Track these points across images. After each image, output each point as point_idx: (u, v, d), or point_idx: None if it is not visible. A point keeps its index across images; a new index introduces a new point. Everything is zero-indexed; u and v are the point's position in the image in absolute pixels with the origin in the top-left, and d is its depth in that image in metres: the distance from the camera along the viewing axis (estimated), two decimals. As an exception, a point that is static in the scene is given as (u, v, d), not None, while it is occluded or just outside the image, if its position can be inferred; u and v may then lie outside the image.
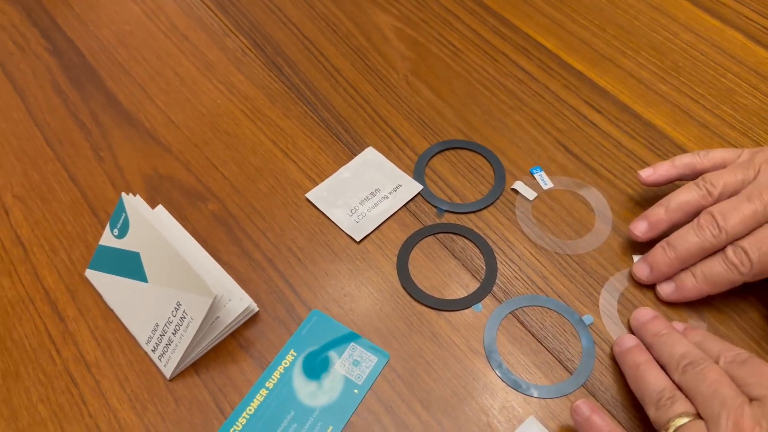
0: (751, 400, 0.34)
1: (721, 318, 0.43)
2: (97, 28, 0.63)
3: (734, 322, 0.43)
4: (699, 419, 0.35)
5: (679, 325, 0.42)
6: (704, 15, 0.61)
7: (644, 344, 0.41)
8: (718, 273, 0.41)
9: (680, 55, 0.58)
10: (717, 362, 0.37)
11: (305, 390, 0.41)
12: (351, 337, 0.43)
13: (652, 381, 0.38)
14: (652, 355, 0.40)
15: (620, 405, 0.40)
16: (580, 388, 0.41)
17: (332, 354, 0.43)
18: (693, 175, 0.45)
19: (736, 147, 0.52)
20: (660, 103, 0.54)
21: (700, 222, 0.42)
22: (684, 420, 0.35)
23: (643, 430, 0.39)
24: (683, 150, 0.52)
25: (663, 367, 0.39)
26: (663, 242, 0.43)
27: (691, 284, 0.42)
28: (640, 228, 0.45)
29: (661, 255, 0.43)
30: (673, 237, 0.43)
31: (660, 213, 0.44)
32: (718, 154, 0.46)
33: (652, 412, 0.37)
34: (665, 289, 0.44)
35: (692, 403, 0.36)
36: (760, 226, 0.41)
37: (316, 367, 0.42)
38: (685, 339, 0.40)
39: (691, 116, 0.54)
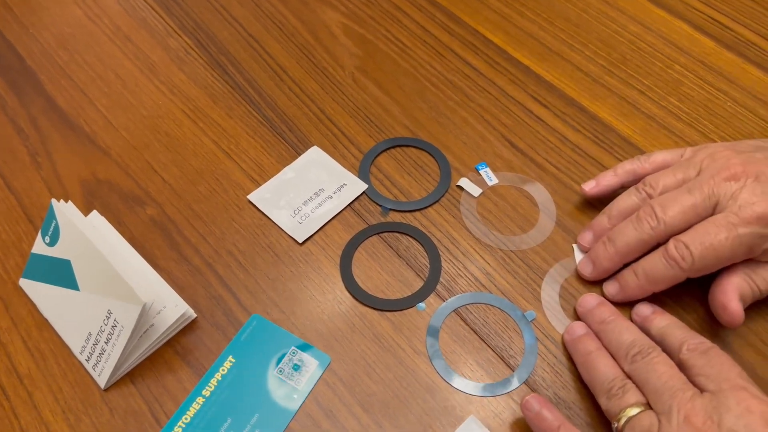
0: (704, 392, 0.34)
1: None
2: (37, 31, 0.61)
3: (680, 318, 0.43)
4: (650, 409, 0.35)
5: (647, 309, 0.41)
6: (652, 6, 0.61)
7: (592, 331, 0.41)
8: (659, 269, 0.40)
9: (628, 47, 0.58)
10: (680, 349, 0.37)
11: (243, 397, 0.40)
12: (291, 342, 0.42)
13: (602, 370, 0.38)
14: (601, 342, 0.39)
15: (562, 402, 0.40)
16: (521, 385, 0.40)
17: (272, 359, 0.42)
18: (636, 181, 0.45)
19: (682, 138, 0.51)
20: (606, 96, 0.54)
21: (639, 215, 0.41)
22: (635, 410, 0.35)
23: (586, 425, 0.39)
24: (629, 143, 0.51)
25: (612, 356, 0.38)
26: (604, 237, 0.43)
27: (634, 282, 0.42)
28: (586, 238, 0.45)
29: (602, 250, 0.43)
30: (614, 231, 0.43)
31: (603, 222, 0.44)
32: (660, 157, 0.46)
33: (603, 402, 0.37)
34: (610, 290, 0.43)
35: (643, 393, 0.35)
36: (701, 220, 0.40)
37: (254, 373, 0.41)
38: (633, 325, 0.40)
39: (638, 108, 0.53)
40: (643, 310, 0.41)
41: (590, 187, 0.46)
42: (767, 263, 0.40)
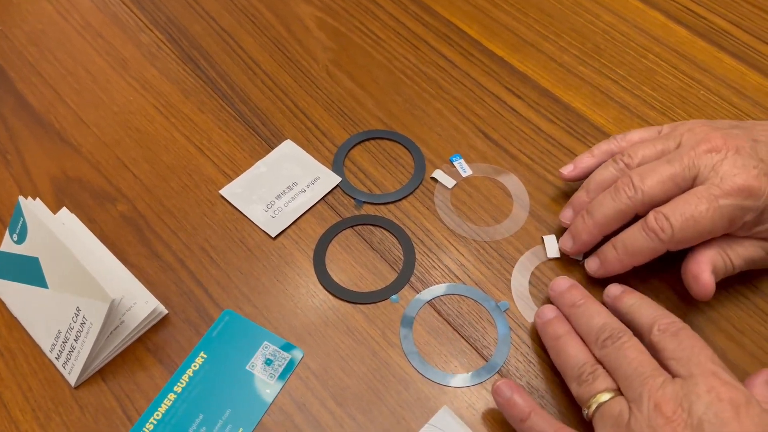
0: (675, 377, 0.34)
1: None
2: (7, 27, 0.60)
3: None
4: (621, 395, 0.34)
5: (617, 288, 0.41)
6: (626, -4, 0.61)
7: (563, 315, 0.40)
8: (638, 241, 0.40)
9: (602, 37, 0.58)
10: (650, 330, 0.36)
11: (215, 392, 0.40)
12: (264, 336, 0.42)
13: (572, 354, 0.37)
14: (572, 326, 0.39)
15: (535, 391, 0.40)
16: (494, 375, 0.40)
17: (244, 354, 0.41)
18: None
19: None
20: (580, 86, 0.54)
21: (617, 185, 0.41)
22: (606, 396, 0.35)
23: (559, 413, 0.39)
24: (602, 132, 0.51)
25: (582, 340, 0.38)
26: (583, 210, 0.43)
27: (613, 256, 0.41)
28: (567, 215, 0.44)
29: (580, 223, 0.42)
30: (592, 204, 0.42)
31: (582, 196, 0.44)
32: (636, 135, 0.46)
33: (574, 387, 0.36)
34: (591, 266, 0.43)
35: (613, 378, 0.35)
36: (681, 191, 0.40)
37: (227, 368, 0.41)
38: (604, 309, 0.39)
39: (611, 98, 0.53)
40: (614, 290, 0.41)
41: (568, 170, 0.46)
42: (743, 239, 0.40)
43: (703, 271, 0.39)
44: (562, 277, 0.42)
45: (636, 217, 0.41)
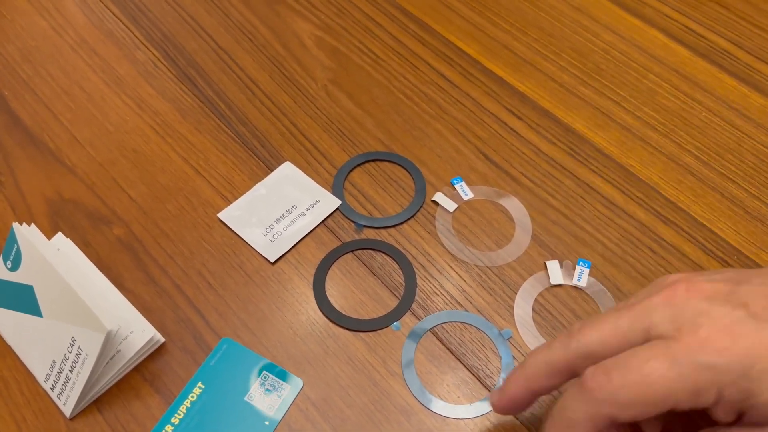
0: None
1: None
2: (0, 44, 0.59)
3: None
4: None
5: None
6: (626, 14, 0.61)
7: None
8: (570, 404, 0.30)
9: (602, 56, 0.57)
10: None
11: (213, 424, 0.39)
12: (262, 365, 0.41)
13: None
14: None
15: (539, 420, 0.39)
16: (498, 407, 0.40)
17: (242, 384, 0.41)
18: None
19: (658, 149, 0.51)
20: (581, 107, 0.54)
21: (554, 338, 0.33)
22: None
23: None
24: (604, 154, 0.51)
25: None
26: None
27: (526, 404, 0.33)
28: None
29: (511, 373, 0.34)
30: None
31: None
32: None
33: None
34: (492, 396, 0.34)
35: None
36: (630, 345, 0.29)
37: (225, 399, 0.40)
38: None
39: (613, 119, 0.53)
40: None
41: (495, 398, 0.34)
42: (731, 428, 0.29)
43: None
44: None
45: None
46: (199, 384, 0.41)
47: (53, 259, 0.40)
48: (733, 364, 0.27)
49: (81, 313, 0.38)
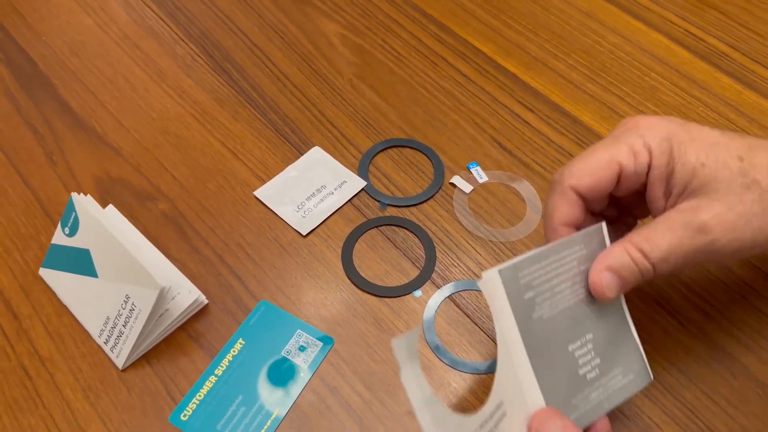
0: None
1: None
2: (49, 38, 0.64)
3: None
4: None
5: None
6: (630, 19, 0.65)
7: None
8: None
9: (607, 56, 0.62)
10: None
11: (253, 375, 0.43)
12: (297, 325, 0.45)
13: None
14: None
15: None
16: (511, 364, 0.44)
17: (279, 341, 0.45)
18: None
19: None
20: (588, 102, 0.58)
21: None
22: None
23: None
24: (609, 144, 0.55)
25: None
26: None
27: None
28: None
29: None
30: None
31: None
32: None
33: None
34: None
35: None
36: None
37: (263, 353, 0.44)
38: None
39: (617, 112, 0.57)
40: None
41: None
42: (661, 221, 0.36)
43: (598, 271, 0.36)
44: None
45: None
46: (240, 340, 0.45)
47: (109, 225, 0.44)
48: (660, 134, 0.37)
49: (135, 272, 0.42)
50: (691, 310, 0.46)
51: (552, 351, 0.35)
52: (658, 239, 0.35)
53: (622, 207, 0.43)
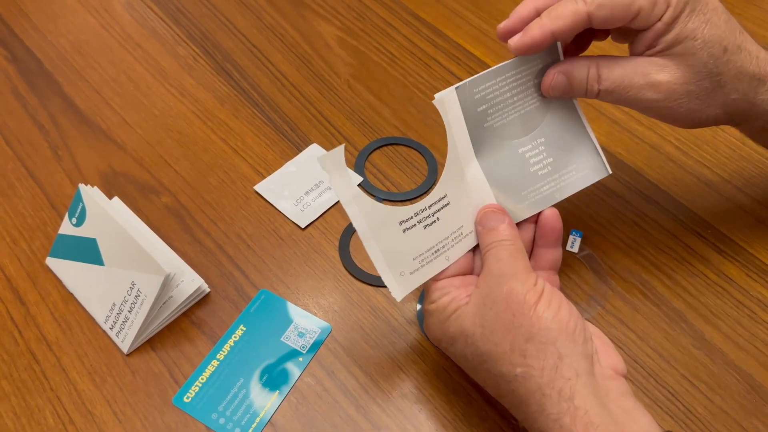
0: None
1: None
2: (54, 37, 0.66)
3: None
4: None
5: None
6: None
7: None
8: (561, 4, 0.39)
9: (594, 60, 0.64)
10: None
11: (254, 360, 0.45)
12: (296, 313, 0.47)
13: None
14: None
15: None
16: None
17: (278, 327, 0.46)
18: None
19: (642, 140, 0.58)
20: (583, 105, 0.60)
21: None
22: None
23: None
24: (595, 143, 0.57)
25: None
26: None
27: (536, 23, 0.40)
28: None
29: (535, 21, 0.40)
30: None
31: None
32: None
33: None
34: (513, 39, 0.40)
35: None
36: None
37: (263, 339, 0.46)
38: None
39: (603, 114, 0.60)
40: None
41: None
42: (631, 58, 0.40)
43: (556, 71, 0.40)
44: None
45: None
46: (241, 327, 0.46)
47: (115, 215, 0.46)
48: None
49: (141, 259, 0.44)
50: (674, 300, 0.48)
51: (502, 153, 0.42)
52: (617, 74, 0.40)
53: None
